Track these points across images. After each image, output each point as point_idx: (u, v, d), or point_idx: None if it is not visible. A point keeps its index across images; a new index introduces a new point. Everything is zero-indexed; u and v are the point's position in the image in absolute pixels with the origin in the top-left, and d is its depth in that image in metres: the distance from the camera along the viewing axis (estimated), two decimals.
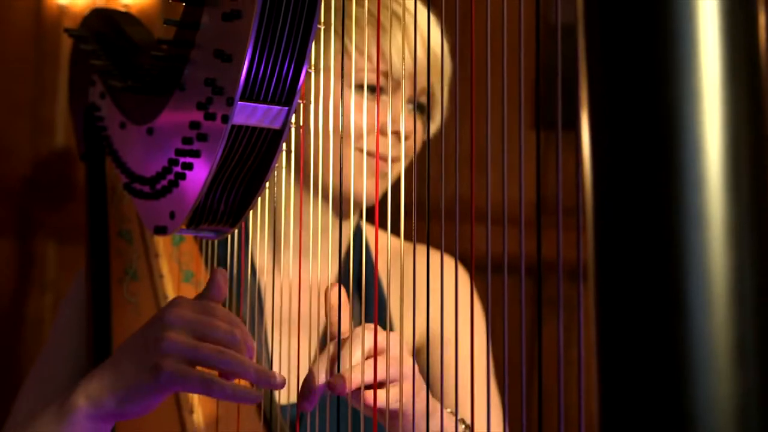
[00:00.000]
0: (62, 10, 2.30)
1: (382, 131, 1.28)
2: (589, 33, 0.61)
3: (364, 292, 1.19)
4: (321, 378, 1.02)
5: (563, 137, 0.71)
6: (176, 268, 1.28)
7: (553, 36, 0.72)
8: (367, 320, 1.10)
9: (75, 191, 2.33)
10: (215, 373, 1.00)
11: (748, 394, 0.57)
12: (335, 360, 1.03)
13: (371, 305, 1.27)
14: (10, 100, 2.36)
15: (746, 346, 0.58)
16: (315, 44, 1.00)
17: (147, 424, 1.18)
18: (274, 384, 1.00)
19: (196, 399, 1.19)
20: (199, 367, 1.00)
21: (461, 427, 1.12)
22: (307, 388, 1.03)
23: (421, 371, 1.36)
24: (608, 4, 0.60)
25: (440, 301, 0.95)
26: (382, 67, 1.26)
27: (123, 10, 1.41)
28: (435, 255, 0.96)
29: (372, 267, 1.33)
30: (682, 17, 0.58)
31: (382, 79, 1.26)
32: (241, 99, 0.91)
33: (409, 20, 1.26)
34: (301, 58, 0.92)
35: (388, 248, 1.03)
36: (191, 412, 1.18)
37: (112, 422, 1.05)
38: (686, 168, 0.58)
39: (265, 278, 1.31)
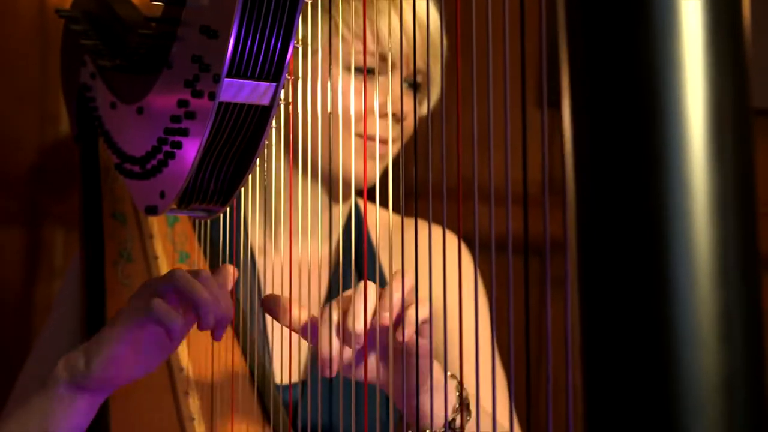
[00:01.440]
0: None
1: (379, 113, 1.27)
2: (569, 5, 0.60)
3: (357, 268, 1.18)
4: (332, 343, 1.01)
5: (553, 115, 0.70)
6: (171, 249, 1.27)
7: (550, 14, 0.71)
8: None
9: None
10: None
11: (734, 367, 0.57)
12: (338, 325, 1.01)
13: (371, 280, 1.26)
14: (16, 91, 2.36)
15: (731, 319, 0.57)
16: (308, 26, 0.99)
17: (142, 407, 1.17)
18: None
19: (191, 381, 1.19)
20: None
21: (454, 383, 1.11)
22: (326, 355, 1.01)
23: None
24: None
25: (436, 273, 0.94)
26: (376, 48, 1.25)
27: None
28: (432, 229, 0.95)
29: (369, 244, 1.32)
30: None
31: (376, 61, 1.25)
32: (228, 75, 0.90)
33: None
34: (288, 33, 0.91)
35: (377, 221, 1.02)
36: (186, 393, 1.18)
37: (92, 394, 1.04)
38: (669, 139, 0.57)
39: (259, 258, 1.30)
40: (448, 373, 1.12)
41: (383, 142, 1.28)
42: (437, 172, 0.91)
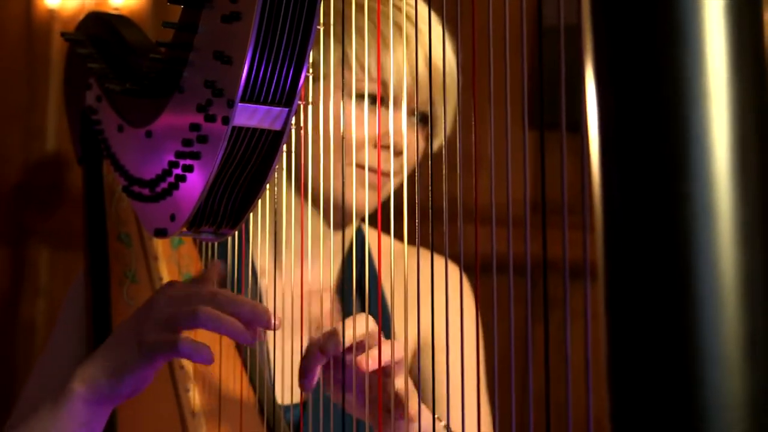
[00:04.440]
0: (52, 15, 2.29)
1: (377, 145, 1.28)
2: (595, 31, 0.61)
3: (367, 294, 1.19)
4: (319, 356, 1.03)
5: (557, 137, 0.71)
6: (176, 270, 1.28)
7: (548, 37, 0.72)
8: None
9: (67, 197, 2.33)
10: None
11: (759, 389, 0.57)
12: (332, 337, 1.03)
13: (373, 307, 1.27)
14: (1, 108, 2.36)
15: (757, 341, 0.58)
16: (318, 53, 1.00)
17: (148, 429, 1.18)
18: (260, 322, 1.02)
19: (198, 402, 1.19)
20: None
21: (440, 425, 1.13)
22: (305, 366, 1.03)
23: (417, 373, 1.37)
24: (614, 2, 0.60)
25: (435, 304, 0.95)
26: (383, 78, 1.26)
27: (114, 12, 1.41)
28: (436, 259, 0.96)
29: (373, 269, 1.33)
30: (687, 15, 0.58)
31: (382, 91, 1.27)
32: (242, 100, 0.91)
33: (413, 31, 1.26)
34: (300, 59, 0.92)
35: (392, 252, 1.03)
36: (193, 415, 1.18)
37: (109, 406, 1.06)
38: (694, 164, 0.58)
39: (266, 281, 1.31)
40: (443, 423, 1.13)
41: (381, 174, 1.29)
42: (440, 195, 0.92)
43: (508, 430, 0.86)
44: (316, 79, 1.20)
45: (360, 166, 1.29)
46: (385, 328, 1.31)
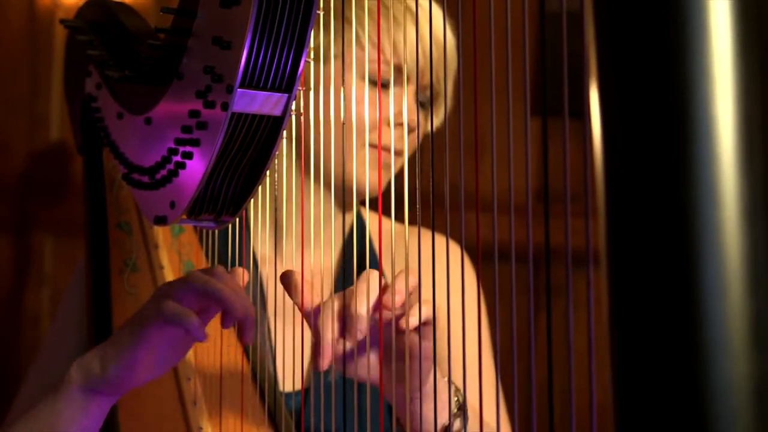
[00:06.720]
0: (56, 4, 2.29)
1: (388, 123, 1.28)
2: (597, 16, 0.60)
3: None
4: (329, 333, 1.02)
5: (560, 123, 0.70)
6: (176, 259, 1.28)
7: (551, 22, 0.71)
8: None
9: (71, 185, 2.32)
10: None
11: (765, 375, 0.57)
12: (341, 313, 1.02)
13: None
14: (5, 96, 2.35)
15: (762, 327, 0.57)
16: (324, 33, 0.99)
17: (149, 417, 1.17)
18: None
19: (199, 391, 1.19)
20: None
21: (453, 396, 1.12)
22: (319, 345, 1.02)
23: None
24: None
25: (436, 280, 0.95)
26: (391, 60, 1.26)
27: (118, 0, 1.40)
28: (437, 238, 0.96)
29: (373, 252, 1.33)
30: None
31: (390, 72, 1.26)
32: (241, 86, 0.90)
33: (413, 12, 1.26)
34: (300, 44, 0.91)
35: (392, 232, 1.02)
36: (194, 403, 1.18)
37: (104, 396, 1.05)
38: (698, 150, 0.57)
39: (267, 268, 1.30)
40: (445, 379, 1.12)
41: (394, 152, 1.29)
42: (438, 180, 0.91)
43: (512, 417, 0.85)
44: (329, 61, 1.19)
45: (372, 146, 1.28)
46: None
